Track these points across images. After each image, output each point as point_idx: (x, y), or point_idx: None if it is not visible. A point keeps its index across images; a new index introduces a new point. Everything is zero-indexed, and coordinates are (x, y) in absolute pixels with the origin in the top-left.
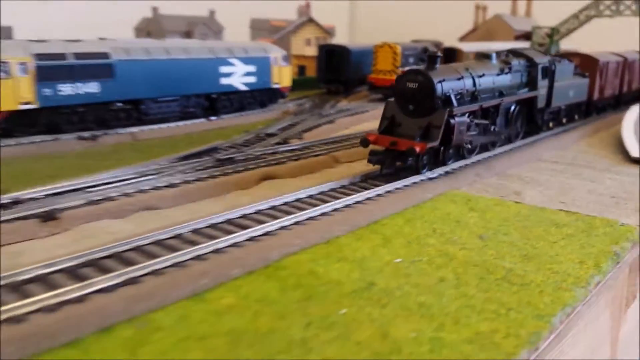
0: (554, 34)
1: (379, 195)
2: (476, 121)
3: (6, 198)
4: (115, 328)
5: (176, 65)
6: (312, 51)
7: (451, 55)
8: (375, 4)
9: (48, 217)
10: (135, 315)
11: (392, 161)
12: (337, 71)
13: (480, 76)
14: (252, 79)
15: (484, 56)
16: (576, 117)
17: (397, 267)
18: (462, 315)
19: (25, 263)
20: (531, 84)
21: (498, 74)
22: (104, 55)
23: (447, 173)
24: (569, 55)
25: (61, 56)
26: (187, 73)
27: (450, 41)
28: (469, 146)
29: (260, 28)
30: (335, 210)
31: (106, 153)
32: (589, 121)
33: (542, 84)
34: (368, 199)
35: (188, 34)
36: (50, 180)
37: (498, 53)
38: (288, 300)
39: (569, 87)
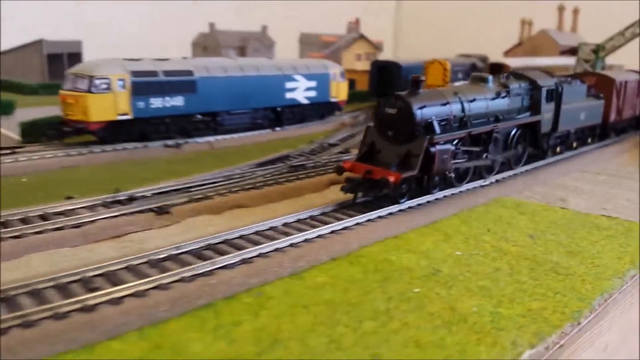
0: (599, 50)
1: (437, 199)
2: (464, 148)
3: (122, 195)
4: (238, 296)
5: (248, 81)
6: (362, 66)
7: (497, 70)
8: (419, 19)
9: (161, 211)
10: (251, 287)
11: (368, 190)
12: (388, 85)
13: (471, 101)
14: (313, 94)
15: (479, 79)
16: (589, 140)
17: (458, 258)
18: (516, 296)
19: (150, 248)
20: (534, 107)
21: (493, 98)
22: (189, 73)
23: (497, 181)
24: (583, 76)
25: (153, 73)
26: (258, 88)
27: (495, 55)
28: (454, 174)
29: (309, 43)
30: (400, 211)
31: (190, 159)
32: (624, 138)
33: (547, 108)
34: (428, 202)
35: (242, 49)
36: (149, 182)
37: (499, 75)
38: (370, 280)
39: (580, 109)
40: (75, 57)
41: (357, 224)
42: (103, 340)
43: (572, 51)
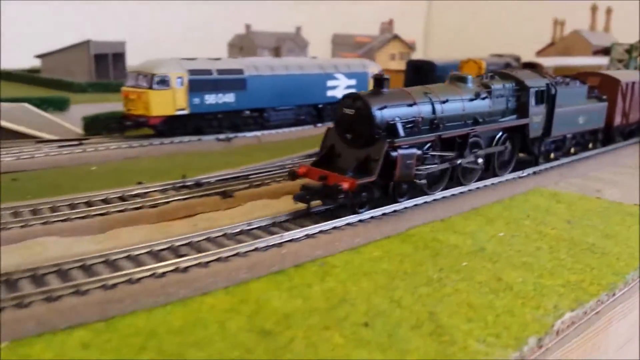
0: (632, 50)
1: (477, 188)
2: (434, 153)
3: (189, 180)
4: (305, 265)
5: (293, 79)
6: (395, 65)
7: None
8: (449, 19)
9: (226, 195)
10: (316, 258)
11: (324, 198)
12: (423, 84)
13: (444, 102)
14: (352, 92)
15: (458, 79)
16: (590, 145)
17: (501, 239)
18: (556, 270)
19: (220, 225)
20: (521, 110)
21: (471, 99)
22: (239, 72)
23: (535, 173)
24: (585, 76)
25: (208, 72)
26: (301, 86)
27: (527, 56)
28: (424, 181)
29: (342, 43)
30: (444, 197)
31: (241, 152)
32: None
33: (536, 110)
34: (469, 190)
35: (277, 49)
36: (209, 170)
37: (482, 75)
38: (421, 255)
39: (579, 112)
40: (119, 57)
41: (405, 208)
42: (196, 296)
43: (605, 51)
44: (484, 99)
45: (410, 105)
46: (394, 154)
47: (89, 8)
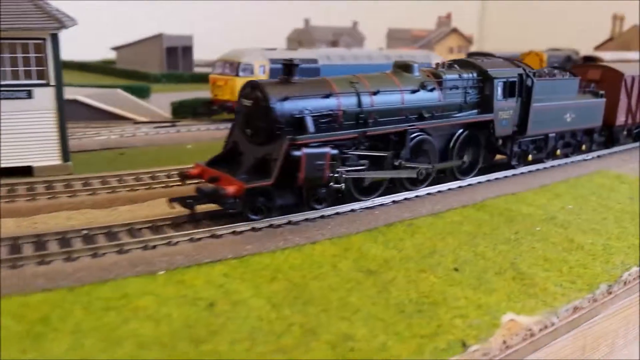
0: None
1: (545, 167)
2: (358, 152)
3: None
4: (394, 225)
5: (362, 69)
6: (454, 58)
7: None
8: (504, 13)
9: None
10: (404, 219)
11: (213, 202)
12: None
13: (375, 93)
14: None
15: (402, 67)
16: (584, 147)
17: (570, 210)
18: (622, 236)
19: None
20: (484, 104)
21: (414, 91)
22: (314, 61)
23: (598, 157)
24: (582, 68)
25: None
26: None
27: (584, 50)
28: (343, 185)
29: (397, 37)
30: (514, 175)
31: None
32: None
33: (504, 105)
34: (537, 169)
35: (334, 43)
36: None
37: (440, 64)
38: (497, 221)
39: (565, 108)
40: (187, 50)
41: (479, 182)
42: (307, 243)
43: None
44: (431, 90)
45: (327, 96)
46: (296, 153)
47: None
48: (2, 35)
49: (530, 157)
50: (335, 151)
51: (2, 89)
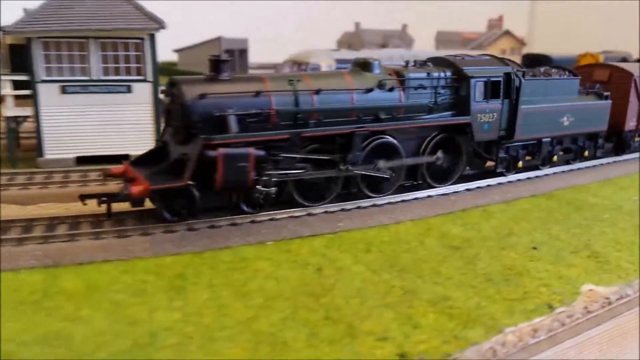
0: None
1: (608, 163)
2: (293, 155)
3: None
4: (470, 210)
5: None
6: None
7: None
8: (553, 16)
9: None
10: (478, 205)
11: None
12: None
13: (317, 92)
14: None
15: (360, 65)
16: (586, 153)
17: (635, 202)
18: None
19: None
20: (460, 105)
21: (368, 91)
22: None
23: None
24: (592, 68)
25: (349, 61)
26: None
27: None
28: (274, 189)
29: (447, 40)
30: (579, 168)
31: None
32: None
33: (485, 107)
34: (601, 164)
35: (383, 46)
36: None
37: (410, 61)
38: (566, 209)
39: (562, 111)
40: (243, 52)
41: (546, 175)
42: (392, 223)
43: None
44: (390, 90)
45: (256, 94)
46: (211, 153)
47: (204, 6)
48: (107, 35)
49: (520, 164)
50: (261, 152)
51: (106, 84)
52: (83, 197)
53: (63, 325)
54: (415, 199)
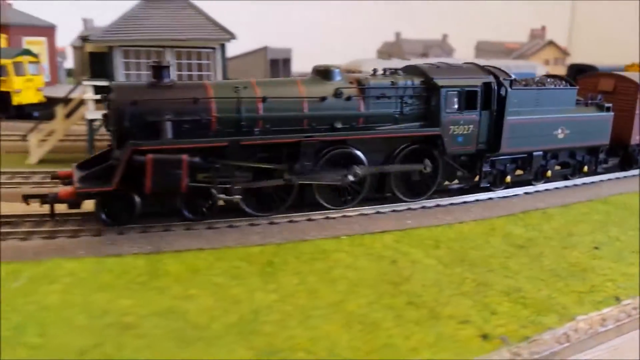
0: None
1: None
2: (230, 163)
3: None
4: (530, 212)
5: None
6: (550, 70)
7: None
8: (594, 27)
9: None
10: (537, 208)
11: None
12: None
13: (263, 100)
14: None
15: (320, 73)
16: (586, 168)
17: None
18: None
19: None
20: (431, 116)
21: (322, 99)
22: None
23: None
24: (597, 77)
25: None
26: None
27: None
28: (235, 197)
29: (487, 50)
30: (633, 175)
31: None
32: None
33: (459, 118)
34: None
35: (424, 56)
36: None
37: (383, 69)
38: (622, 213)
39: (555, 123)
40: (287, 62)
41: (601, 180)
42: (455, 223)
43: None
44: (348, 99)
45: (195, 101)
46: (140, 159)
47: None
48: (182, 45)
49: (508, 179)
50: (196, 159)
51: None
52: (26, 198)
53: (175, 302)
54: (477, 200)
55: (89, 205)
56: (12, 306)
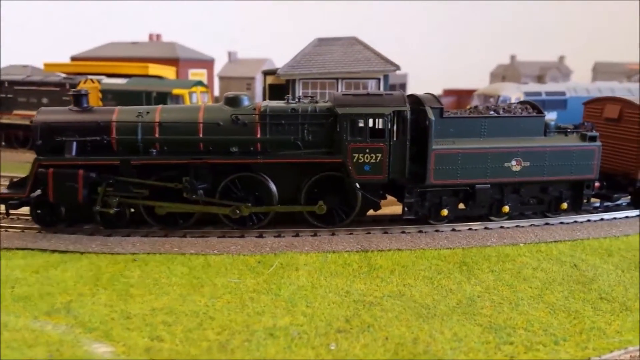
0: None
1: None
2: (124, 179)
3: None
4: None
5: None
6: None
7: None
8: None
9: None
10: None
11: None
12: None
13: (159, 124)
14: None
15: (227, 100)
16: (564, 205)
17: None
18: None
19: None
20: (337, 143)
21: (216, 125)
22: (562, 93)
23: None
24: (603, 102)
25: (538, 93)
26: None
27: None
28: (112, 209)
29: (605, 71)
30: None
31: None
32: None
33: (365, 146)
34: None
35: (540, 78)
36: None
37: (299, 96)
38: None
39: (508, 154)
40: (402, 86)
41: None
42: (621, 236)
43: None
44: (244, 125)
45: (98, 123)
46: (42, 171)
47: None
48: (352, 76)
49: (445, 212)
50: (91, 174)
51: None
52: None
53: (399, 287)
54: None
55: None
56: (278, 284)
